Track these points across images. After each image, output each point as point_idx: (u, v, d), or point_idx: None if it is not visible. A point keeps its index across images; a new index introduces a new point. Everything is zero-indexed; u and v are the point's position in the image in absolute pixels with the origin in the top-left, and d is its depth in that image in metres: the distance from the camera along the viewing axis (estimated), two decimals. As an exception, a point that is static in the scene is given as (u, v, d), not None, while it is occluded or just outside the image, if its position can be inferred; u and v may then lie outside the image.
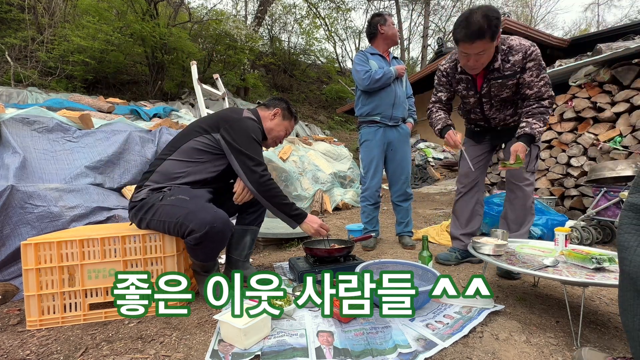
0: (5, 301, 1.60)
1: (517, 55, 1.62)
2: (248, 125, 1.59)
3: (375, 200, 2.54)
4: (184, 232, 1.36)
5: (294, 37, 15.34)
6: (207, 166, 1.58)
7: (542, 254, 1.47)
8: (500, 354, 1.08)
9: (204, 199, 1.50)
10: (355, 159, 7.13)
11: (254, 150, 1.55)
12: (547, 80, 1.65)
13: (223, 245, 1.47)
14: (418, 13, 18.10)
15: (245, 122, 1.59)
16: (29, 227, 1.81)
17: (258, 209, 1.84)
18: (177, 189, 1.49)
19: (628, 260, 0.83)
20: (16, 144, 2.10)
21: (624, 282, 0.85)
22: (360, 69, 2.43)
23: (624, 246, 0.84)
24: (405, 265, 1.63)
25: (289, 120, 1.82)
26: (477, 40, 1.50)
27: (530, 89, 1.66)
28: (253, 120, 1.65)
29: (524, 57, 1.62)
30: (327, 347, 1.10)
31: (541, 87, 1.64)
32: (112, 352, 1.13)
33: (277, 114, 1.78)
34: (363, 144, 2.57)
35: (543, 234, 2.34)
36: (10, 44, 7.39)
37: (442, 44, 8.99)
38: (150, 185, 1.52)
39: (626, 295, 0.84)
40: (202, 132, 1.58)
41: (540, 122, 1.65)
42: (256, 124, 1.65)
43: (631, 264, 0.82)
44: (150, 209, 1.43)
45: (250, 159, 1.53)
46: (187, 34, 9.46)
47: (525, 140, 1.65)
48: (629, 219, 0.85)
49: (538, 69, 1.63)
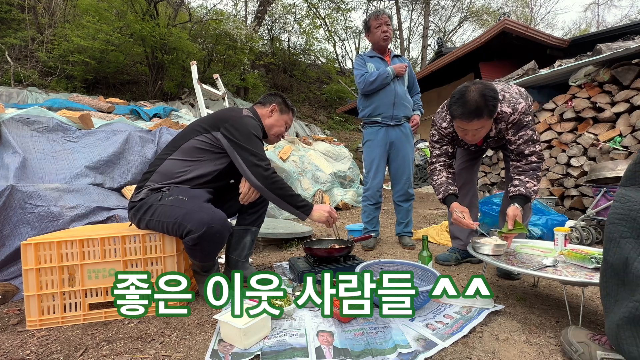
0: (5, 301, 1.60)
1: (502, 124, 1.63)
2: (248, 122, 1.59)
3: (376, 200, 2.54)
4: (182, 233, 1.36)
5: (294, 37, 15.36)
6: (208, 165, 1.58)
7: (541, 254, 1.47)
8: (500, 354, 1.08)
9: (203, 199, 1.50)
10: (355, 159, 7.14)
11: (256, 146, 1.55)
12: (528, 137, 1.60)
13: (221, 245, 1.47)
14: (418, 13, 18.11)
15: (246, 119, 1.60)
16: (29, 227, 1.81)
17: (258, 209, 1.84)
18: (176, 189, 1.49)
19: (612, 251, 0.87)
20: (16, 144, 2.10)
21: (607, 270, 0.89)
22: (357, 73, 2.44)
23: (609, 237, 0.89)
24: (405, 265, 1.63)
25: (287, 114, 1.82)
26: (475, 120, 1.48)
27: (510, 145, 1.66)
28: (252, 119, 1.65)
29: (506, 126, 1.62)
30: (327, 347, 1.10)
31: (520, 145, 1.63)
32: (112, 352, 1.13)
33: (275, 109, 1.78)
34: (365, 144, 2.57)
35: (543, 234, 2.34)
36: (10, 44, 7.39)
37: (442, 44, 8.98)
38: (150, 185, 1.52)
39: (609, 282, 0.88)
40: (203, 131, 1.58)
41: (534, 179, 1.61)
42: (256, 122, 1.66)
43: (615, 256, 0.86)
44: (149, 209, 1.43)
45: (253, 155, 1.53)
46: (187, 34, 9.47)
47: (520, 202, 1.60)
48: (615, 209, 0.89)
49: (516, 129, 1.61)
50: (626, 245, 0.85)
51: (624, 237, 0.86)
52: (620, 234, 0.87)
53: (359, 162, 7.32)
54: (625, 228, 0.86)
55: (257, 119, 1.72)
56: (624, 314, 0.82)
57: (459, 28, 19.44)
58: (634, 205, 0.85)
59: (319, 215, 1.63)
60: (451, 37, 19.16)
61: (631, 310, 0.80)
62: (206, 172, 1.58)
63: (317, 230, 3.23)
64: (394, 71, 2.37)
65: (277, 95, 1.82)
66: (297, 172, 4.45)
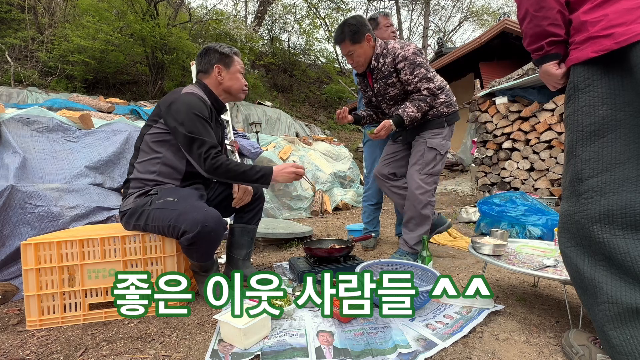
0: (5, 301, 1.60)
1: (388, 58, 1.85)
2: (186, 101, 1.46)
3: (377, 200, 2.53)
4: (177, 234, 1.36)
5: (294, 37, 15.35)
6: (173, 157, 1.52)
7: (542, 254, 1.47)
8: (500, 354, 1.08)
9: (194, 197, 1.47)
10: (355, 159, 7.13)
11: (197, 128, 1.43)
12: (423, 75, 1.82)
13: (217, 243, 1.46)
14: (418, 13, 18.11)
15: (183, 99, 1.47)
16: (29, 227, 1.81)
17: (255, 207, 1.83)
18: (164, 191, 1.47)
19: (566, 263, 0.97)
20: (16, 144, 2.10)
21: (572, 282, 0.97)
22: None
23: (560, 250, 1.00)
24: (405, 265, 1.63)
25: (233, 64, 1.63)
26: (341, 44, 1.85)
27: (409, 86, 1.86)
28: (192, 94, 1.51)
29: (393, 59, 1.84)
30: (327, 347, 1.10)
31: (417, 83, 1.83)
32: (112, 352, 1.13)
33: (220, 70, 1.61)
34: (366, 144, 2.57)
35: (543, 234, 2.33)
36: (10, 44, 7.39)
37: (442, 44, 8.99)
38: (134, 192, 1.49)
39: (578, 292, 0.96)
40: (152, 124, 1.52)
41: (415, 107, 1.83)
42: (195, 98, 1.50)
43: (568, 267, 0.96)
44: (142, 216, 1.41)
45: (196, 143, 1.42)
46: (187, 34, 9.47)
47: (395, 120, 1.84)
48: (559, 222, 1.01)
49: (411, 67, 1.81)
50: (571, 254, 0.92)
51: (568, 247, 0.94)
52: (565, 245, 0.95)
53: (359, 162, 7.32)
54: (566, 239, 0.94)
55: (207, 91, 1.61)
56: (602, 319, 0.85)
57: (459, 28, 19.48)
58: (567, 217, 0.93)
59: (284, 178, 1.53)
60: (451, 37, 19.17)
61: (606, 313, 0.84)
62: (176, 164, 1.52)
63: (317, 231, 3.23)
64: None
65: (210, 52, 1.61)
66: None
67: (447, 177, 7.66)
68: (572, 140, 0.92)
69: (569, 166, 0.94)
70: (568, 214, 0.93)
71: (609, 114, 0.84)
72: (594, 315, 0.88)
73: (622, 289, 0.81)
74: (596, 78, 0.86)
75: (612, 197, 0.84)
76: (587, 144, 0.88)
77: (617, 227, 0.83)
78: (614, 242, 0.82)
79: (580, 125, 0.90)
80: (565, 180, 0.96)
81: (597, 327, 0.88)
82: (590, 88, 0.87)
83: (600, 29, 0.82)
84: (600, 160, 0.86)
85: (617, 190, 0.83)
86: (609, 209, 0.84)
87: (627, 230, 0.81)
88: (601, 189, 0.85)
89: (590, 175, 0.87)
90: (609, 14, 0.81)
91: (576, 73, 0.91)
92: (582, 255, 0.89)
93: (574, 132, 0.92)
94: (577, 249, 0.91)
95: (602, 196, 0.85)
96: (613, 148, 0.84)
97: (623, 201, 0.82)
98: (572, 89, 0.92)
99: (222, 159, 1.45)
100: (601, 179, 0.85)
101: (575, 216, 0.90)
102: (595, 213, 0.86)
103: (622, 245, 0.81)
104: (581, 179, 0.89)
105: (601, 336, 0.87)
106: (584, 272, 0.88)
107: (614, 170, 0.84)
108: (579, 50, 0.88)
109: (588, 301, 0.90)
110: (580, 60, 0.88)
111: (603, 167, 0.85)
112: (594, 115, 0.87)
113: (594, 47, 0.84)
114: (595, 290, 0.86)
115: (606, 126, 0.85)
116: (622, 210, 0.82)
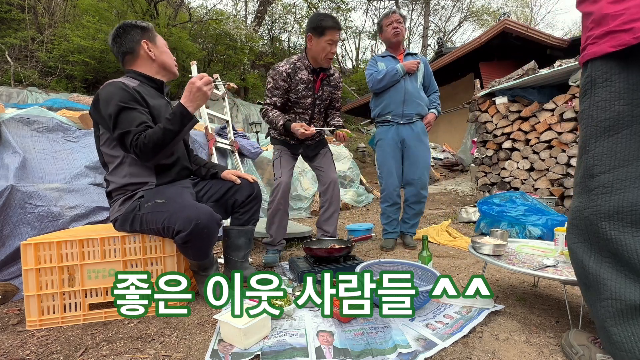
0: (5, 301, 1.60)
1: (336, 74, 2.29)
2: (107, 92, 1.38)
3: (393, 200, 2.46)
4: (172, 233, 1.36)
5: (294, 37, 15.37)
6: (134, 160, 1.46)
7: (542, 254, 1.47)
8: (500, 354, 1.08)
9: (182, 196, 1.45)
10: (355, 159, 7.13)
11: (121, 118, 1.35)
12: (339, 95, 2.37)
13: (211, 240, 1.44)
14: (418, 13, 18.12)
15: (103, 91, 1.39)
16: (29, 227, 1.81)
17: (251, 207, 1.78)
18: (150, 193, 1.45)
19: (572, 258, 0.96)
20: (16, 144, 2.10)
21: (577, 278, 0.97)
22: (367, 73, 2.44)
23: (568, 247, 1.00)
24: (405, 265, 1.63)
25: (156, 37, 1.57)
26: (339, 31, 2.04)
27: (337, 103, 2.37)
28: (108, 85, 1.41)
29: (337, 80, 2.29)
30: (327, 347, 1.10)
31: (338, 100, 2.37)
32: (112, 352, 1.13)
33: (148, 44, 1.50)
34: (377, 144, 2.51)
35: (543, 234, 2.33)
36: (10, 44, 7.40)
37: (442, 44, 8.98)
38: (118, 199, 1.48)
39: (581, 289, 0.96)
40: (97, 132, 1.48)
41: (340, 117, 2.40)
42: (111, 87, 1.40)
43: (574, 262, 0.96)
44: (134, 221, 1.41)
45: (126, 138, 1.36)
46: (187, 34, 9.47)
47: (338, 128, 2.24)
48: (569, 218, 1.00)
49: (338, 89, 2.32)
50: (578, 250, 0.92)
51: (575, 243, 0.93)
52: (572, 240, 0.95)
53: (359, 162, 7.32)
54: (574, 235, 0.94)
55: (136, 75, 1.51)
56: (603, 315, 0.85)
57: (459, 28, 19.48)
58: (577, 213, 0.93)
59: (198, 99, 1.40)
60: (451, 37, 19.19)
61: (608, 310, 0.84)
62: (142, 166, 1.47)
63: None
64: (403, 68, 2.32)
65: (129, 29, 1.48)
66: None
67: (447, 177, 7.66)
68: (586, 135, 0.91)
69: (582, 162, 0.92)
70: (578, 209, 0.92)
71: (626, 109, 0.82)
72: (596, 311, 0.88)
73: (627, 286, 0.81)
74: (614, 72, 0.84)
75: (622, 193, 0.82)
76: (600, 140, 0.86)
77: (626, 224, 0.82)
78: (621, 239, 0.82)
79: (595, 120, 0.88)
80: (577, 177, 0.94)
81: (598, 323, 0.88)
82: (608, 83, 0.85)
83: (620, 23, 0.81)
84: (613, 157, 0.84)
85: (629, 187, 0.82)
86: (619, 206, 0.82)
87: (636, 228, 0.81)
88: (612, 185, 0.84)
89: (601, 171, 0.86)
90: (631, 7, 0.79)
91: (594, 67, 0.88)
92: (589, 252, 0.89)
93: (588, 127, 0.90)
94: (584, 245, 0.90)
95: (612, 192, 0.84)
96: (627, 144, 0.83)
97: (634, 198, 0.81)
98: (589, 83, 0.90)
99: (140, 138, 1.34)
100: (613, 175, 0.84)
101: (585, 212, 0.89)
102: (605, 209, 0.85)
103: (630, 242, 0.81)
104: (592, 174, 0.88)
105: (602, 333, 0.87)
106: (589, 268, 0.88)
107: (626, 166, 0.83)
108: (597, 45, 0.86)
109: (591, 297, 0.89)
110: (598, 54, 0.86)
111: (615, 164, 0.84)
112: (609, 110, 0.85)
113: (613, 41, 0.82)
114: (599, 287, 0.85)
115: (622, 122, 0.83)
116: (632, 208, 0.81)
